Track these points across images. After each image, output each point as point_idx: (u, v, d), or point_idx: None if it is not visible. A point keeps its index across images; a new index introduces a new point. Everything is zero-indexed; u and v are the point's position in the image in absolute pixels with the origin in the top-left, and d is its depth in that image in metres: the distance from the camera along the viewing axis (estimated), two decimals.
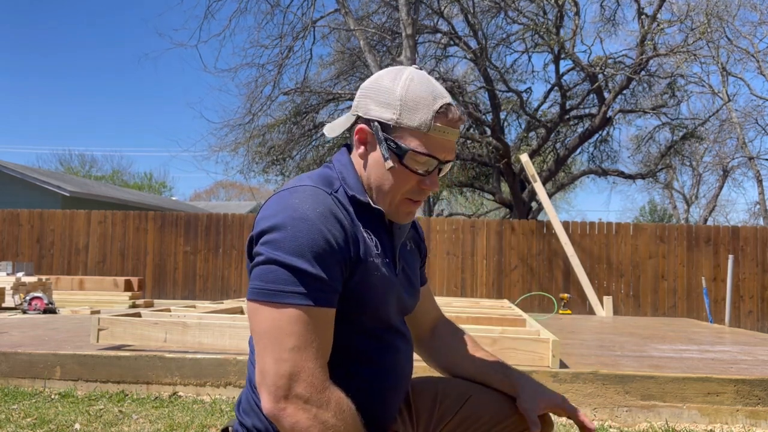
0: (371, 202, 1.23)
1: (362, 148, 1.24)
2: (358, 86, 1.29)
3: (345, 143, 1.36)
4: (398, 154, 1.19)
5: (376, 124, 1.20)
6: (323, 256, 1.09)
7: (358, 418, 1.09)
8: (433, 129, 1.18)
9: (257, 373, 1.09)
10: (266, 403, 1.06)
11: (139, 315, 4.22)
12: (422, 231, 1.48)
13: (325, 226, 1.11)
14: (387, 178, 1.21)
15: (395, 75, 1.23)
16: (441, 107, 1.19)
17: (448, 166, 1.24)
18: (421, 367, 1.68)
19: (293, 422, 1.04)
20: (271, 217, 1.12)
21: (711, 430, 3.28)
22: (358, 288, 1.16)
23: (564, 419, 3.36)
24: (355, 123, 1.25)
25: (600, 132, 14.87)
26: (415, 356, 1.51)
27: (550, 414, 1.38)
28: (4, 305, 7.36)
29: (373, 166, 1.23)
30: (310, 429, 1.04)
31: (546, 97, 15.51)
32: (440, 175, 1.24)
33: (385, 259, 1.23)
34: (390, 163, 1.19)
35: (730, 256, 9.53)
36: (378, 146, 1.21)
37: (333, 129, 1.29)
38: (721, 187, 23.79)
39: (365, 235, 1.20)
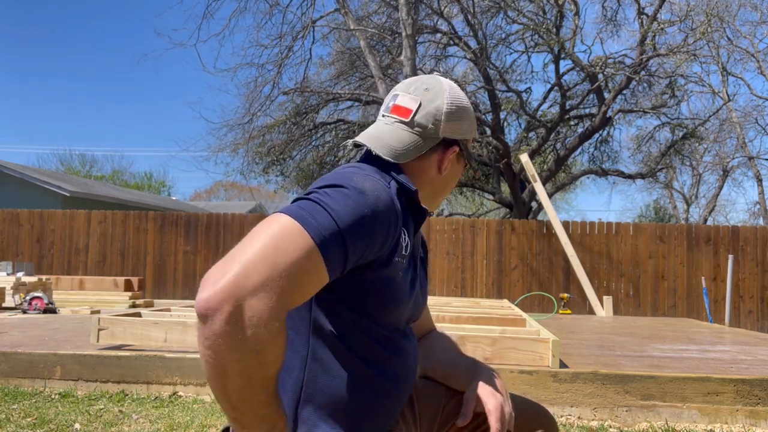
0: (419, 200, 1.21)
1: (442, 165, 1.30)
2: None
3: (362, 158, 1.27)
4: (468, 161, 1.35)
5: (463, 141, 1.31)
6: (361, 228, 1.01)
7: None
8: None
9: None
10: (208, 290, 0.84)
11: (139, 315, 4.22)
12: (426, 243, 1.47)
13: (378, 206, 1.05)
14: (447, 184, 1.32)
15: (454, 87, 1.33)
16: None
17: None
18: None
19: (217, 330, 0.83)
20: (327, 180, 1.07)
21: (711, 429, 3.28)
22: (380, 283, 1.12)
23: (564, 420, 3.36)
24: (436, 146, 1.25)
25: (600, 132, 14.87)
26: None
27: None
28: (4, 305, 7.36)
29: (437, 179, 1.30)
30: (229, 351, 0.84)
31: (546, 97, 15.50)
32: None
33: (409, 261, 1.21)
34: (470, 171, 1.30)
35: (730, 256, 9.54)
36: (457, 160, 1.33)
37: (406, 154, 1.22)
38: (721, 187, 23.81)
39: (403, 234, 1.17)
